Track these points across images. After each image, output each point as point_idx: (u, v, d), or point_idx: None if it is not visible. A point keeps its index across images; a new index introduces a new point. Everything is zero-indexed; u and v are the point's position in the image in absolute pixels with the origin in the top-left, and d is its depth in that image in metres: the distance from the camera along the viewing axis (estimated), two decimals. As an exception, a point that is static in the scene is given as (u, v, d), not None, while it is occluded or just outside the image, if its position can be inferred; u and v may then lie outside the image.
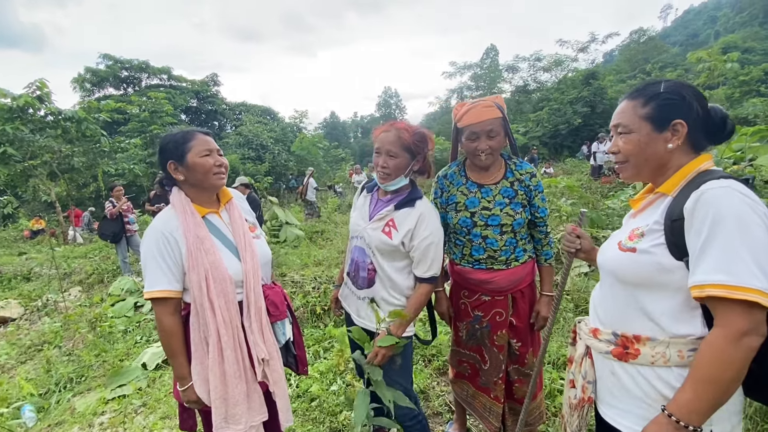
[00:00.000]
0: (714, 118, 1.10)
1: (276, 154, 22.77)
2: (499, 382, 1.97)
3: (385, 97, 66.28)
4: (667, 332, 1.04)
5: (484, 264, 1.89)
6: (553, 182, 7.52)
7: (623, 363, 1.11)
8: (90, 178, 16.23)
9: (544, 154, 20.83)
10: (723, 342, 0.91)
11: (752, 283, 0.88)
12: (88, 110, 12.84)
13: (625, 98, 1.18)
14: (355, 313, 1.90)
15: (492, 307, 1.92)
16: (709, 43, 37.67)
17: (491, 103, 1.76)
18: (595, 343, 1.19)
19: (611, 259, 1.16)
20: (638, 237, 1.09)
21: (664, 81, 1.13)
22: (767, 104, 16.05)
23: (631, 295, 1.10)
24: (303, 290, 4.34)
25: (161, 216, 1.56)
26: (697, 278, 0.94)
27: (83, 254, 9.19)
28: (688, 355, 1.02)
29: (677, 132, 1.08)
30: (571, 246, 1.47)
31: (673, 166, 1.11)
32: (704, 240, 0.94)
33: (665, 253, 1.02)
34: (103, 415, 3.00)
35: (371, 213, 1.84)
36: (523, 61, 29.90)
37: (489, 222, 1.84)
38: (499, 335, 1.94)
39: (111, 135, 17.18)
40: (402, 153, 1.72)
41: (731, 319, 0.91)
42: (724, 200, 0.93)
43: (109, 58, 28.28)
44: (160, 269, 1.47)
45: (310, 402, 2.74)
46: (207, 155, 1.56)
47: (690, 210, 0.97)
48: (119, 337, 4.43)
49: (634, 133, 1.12)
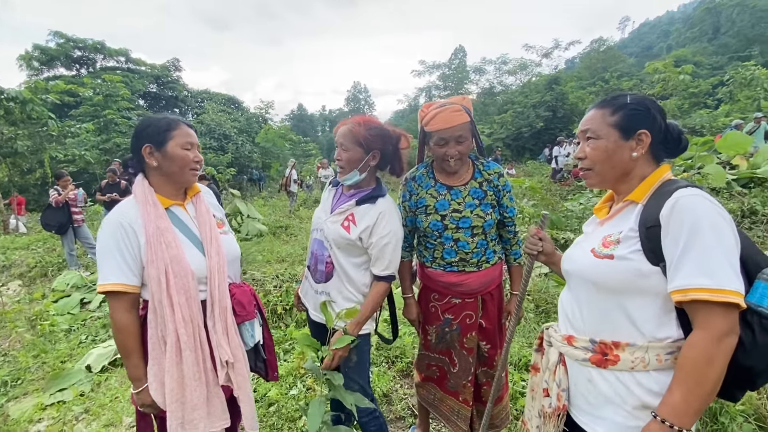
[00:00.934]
0: (672, 133, 1.16)
1: (239, 144, 22.10)
2: (467, 385, 1.96)
3: (355, 92, 65.97)
4: (647, 337, 1.06)
5: (456, 267, 1.88)
6: (517, 182, 7.68)
7: (601, 369, 1.12)
8: (36, 164, 15.15)
9: (507, 156, 21.34)
10: (707, 343, 0.94)
11: (730, 285, 0.93)
12: (35, 91, 11.98)
13: (593, 107, 1.21)
14: (312, 308, 1.88)
15: (462, 310, 1.91)
16: (661, 55, 39.60)
17: (459, 107, 1.75)
18: (571, 351, 1.19)
19: (586, 266, 1.16)
20: (614, 244, 1.11)
21: (630, 94, 1.18)
22: (712, 116, 17.14)
23: (610, 301, 1.11)
24: (264, 289, 4.19)
25: (121, 205, 1.47)
26: (679, 283, 0.97)
27: (25, 245, 8.57)
28: (666, 358, 1.04)
29: (641, 141, 1.12)
30: (534, 248, 1.48)
31: (636, 175, 1.16)
32: (683, 246, 0.97)
33: (642, 259, 1.04)
34: (40, 422, 2.77)
35: (333, 206, 1.83)
36: (489, 63, 30.58)
37: (460, 224, 1.83)
38: (469, 338, 1.93)
39: (61, 118, 16.07)
40: (353, 146, 1.72)
41: (713, 321, 0.94)
42: (699, 207, 0.98)
43: (61, 36, 26.50)
44: (116, 261, 1.37)
45: (267, 407, 2.63)
46: (188, 149, 1.49)
47: (666, 217, 1.00)
48: (62, 336, 4.13)
49: (602, 139, 1.15)
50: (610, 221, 1.19)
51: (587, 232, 1.30)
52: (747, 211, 5.83)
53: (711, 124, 16.13)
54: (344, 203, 1.79)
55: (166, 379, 1.41)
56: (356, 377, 1.80)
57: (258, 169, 22.81)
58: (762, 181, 6.69)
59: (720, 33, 39.13)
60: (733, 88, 18.96)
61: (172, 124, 1.48)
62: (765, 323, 0.97)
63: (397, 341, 3.17)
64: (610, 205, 1.27)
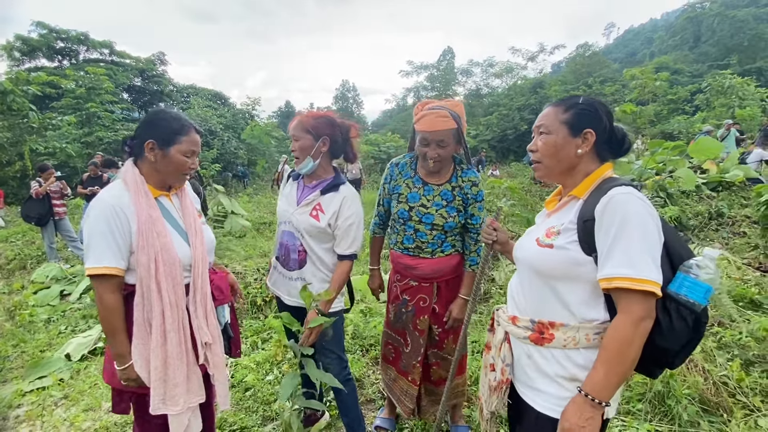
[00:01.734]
0: (617, 135, 1.27)
1: (225, 140, 21.95)
2: (417, 366, 2.11)
3: (343, 90, 65.70)
4: (578, 318, 1.18)
5: (411, 252, 2.04)
6: (496, 183, 7.85)
7: (539, 347, 1.24)
8: (15, 156, 14.86)
9: (491, 157, 21.66)
10: (627, 326, 1.06)
11: (649, 276, 1.04)
12: (16, 81, 11.72)
13: (549, 105, 1.32)
14: (286, 294, 2.01)
15: (417, 293, 2.07)
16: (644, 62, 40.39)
17: (447, 113, 1.85)
18: (514, 329, 1.31)
19: (531, 253, 1.28)
20: (555, 234, 1.22)
21: (583, 96, 1.28)
22: (689, 122, 17.65)
23: (548, 286, 1.23)
24: (244, 281, 4.28)
25: (111, 190, 1.50)
26: (606, 272, 1.08)
27: (4, 238, 8.46)
28: (593, 337, 1.16)
29: (587, 139, 1.23)
30: (489, 238, 1.60)
31: (580, 170, 1.26)
32: (612, 239, 1.07)
33: (578, 249, 1.16)
34: (19, 408, 2.82)
35: (299, 199, 1.96)
36: (476, 65, 30.94)
37: (423, 219, 1.97)
38: (421, 320, 2.08)
39: (42, 110, 15.77)
40: (303, 135, 1.87)
41: (633, 306, 1.05)
42: (629, 205, 1.08)
43: (43, 27, 25.87)
44: (107, 245, 1.42)
45: (244, 392, 2.73)
46: (189, 156, 1.57)
47: (600, 212, 1.10)
48: (41, 327, 4.15)
49: (552, 134, 1.25)
50: (555, 214, 1.31)
51: (537, 223, 1.42)
52: (714, 213, 6.08)
53: (687, 129, 16.63)
54: (309, 195, 1.93)
55: (151, 358, 1.49)
56: (333, 348, 2.00)
57: (243, 165, 22.67)
58: (730, 185, 6.98)
59: (701, 41, 40.11)
60: (709, 95, 19.55)
61: (184, 130, 1.54)
62: (681, 310, 1.08)
63: (371, 330, 3.30)
64: (559, 199, 1.37)
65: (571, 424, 1.10)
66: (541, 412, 1.23)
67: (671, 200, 6.27)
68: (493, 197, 7.16)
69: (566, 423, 1.12)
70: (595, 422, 1.09)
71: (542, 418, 1.22)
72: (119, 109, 20.30)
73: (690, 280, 1.08)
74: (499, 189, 7.78)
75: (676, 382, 2.36)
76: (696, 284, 1.07)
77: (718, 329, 2.94)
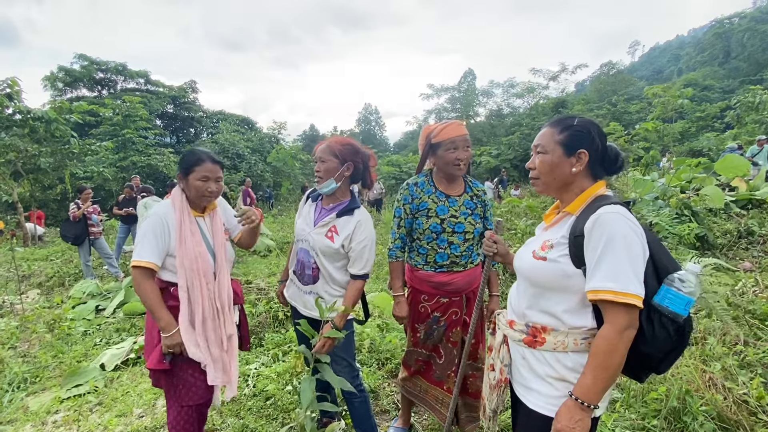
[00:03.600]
0: (610, 154, 1.37)
1: (252, 164, 22.71)
2: (451, 375, 2.20)
3: (366, 114, 67.05)
4: (567, 324, 1.27)
5: (446, 268, 2.14)
6: (515, 202, 7.87)
7: (532, 349, 1.33)
8: (56, 180, 15.76)
9: (514, 176, 21.55)
10: (612, 335, 1.15)
11: (632, 290, 1.13)
12: (60, 111, 12.51)
13: (547, 125, 1.41)
14: (302, 306, 2.14)
15: (449, 307, 2.17)
16: (672, 79, 39.85)
17: (461, 122, 2.11)
18: (511, 333, 1.42)
19: (527, 265, 1.38)
20: (548, 248, 1.32)
21: (578, 117, 1.38)
22: (719, 139, 17.20)
23: (541, 294, 1.33)
24: (267, 296, 4.44)
25: (162, 206, 1.94)
26: (593, 285, 1.17)
27: (45, 257, 8.96)
28: (581, 342, 1.25)
29: (581, 159, 1.32)
30: (489, 250, 1.71)
31: (575, 187, 1.35)
32: (599, 254, 1.17)
33: (568, 262, 1.25)
34: (57, 413, 3.01)
35: (315, 220, 2.10)
36: (497, 86, 31.05)
37: (456, 229, 2.10)
38: (454, 332, 2.19)
39: (82, 137, 16.73)
40: (330, 158, 2.02)
41: (617, 317, 1.15)
42: (615, 224, 1.16)
43: (85, 59, 27.70)
44: (150, 245, 1.83)
45: (265, 401, 2.85)
46: (204, 181, 1.91)
47: (589, 229, 1.20)
48: (78, 338, 4.40)
49: (549, 154, 1.35)
50: (551, 228, 1.41)
51: (537, 234, 1.51)
52: (744, 231, 5.93)
53: (717, 147, 16.21)
54: (326, 216, 2.06)
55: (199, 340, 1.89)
56: (344, 355, 2.11)
57: (269, 187, 23.31)
58: (760, 203, 6.79)
59: (731, 57, 39.27)
60: (740, 111, 19.06)
61: (199, 162, 1.93)
62: (663, 320, 1.16)
63: (386, 344, 3.38)
64: (557, 213, 1.46)
65: (563, 425, 1.19)
66: (533, 409, 1.32)
67: (696, 218, 6.15)
68: (512, 216, 7.18)
69: (558, 425, 1.20)
70: (584, 423, 1.18)
71: (534, 415, 1.31)
72: (152, 134, 21.32)
73: (672, 293, 1.16)
74: (518, 208, 7.80)
75: (693, 399, 2.34)
76: (677, 296, 1.15)
77: (741, 348, 2.88)
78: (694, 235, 5.53)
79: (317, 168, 2.06)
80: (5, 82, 10.43)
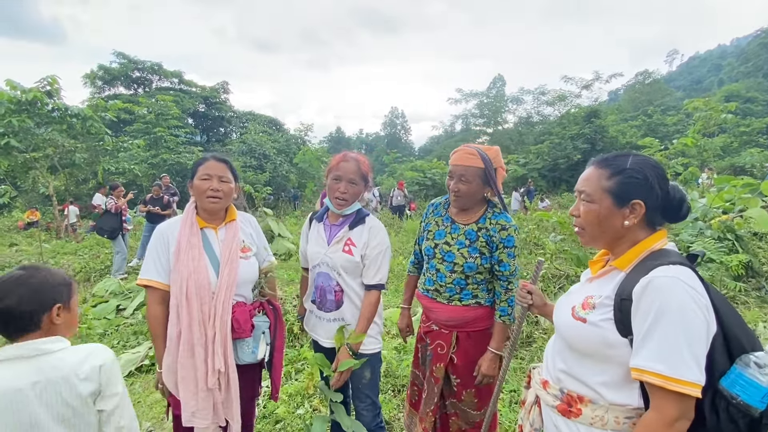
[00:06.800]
0: (672, 201, 1.13)
1: (278, 164, 22.90)
2: (429, 414, 2.01)
3: (392, 117, 67.02)
4: (608, 399, 1.09)
5: (431, 294, 2.01)
6: (544, 216, 7.55)
7: (566, 419, 1.15)
8: (90, 174, 16.30)
9: (542, 187, 21.00)
10: (658, 426, 0.96)
11: (687, 376, 0.93)
12: (95, 108, 12.94)
13: (592, 164, 1.20)
14: (324, 336, 2.00)
15: (436, 338, 2.01)
16: (712, 90, 38.27)
17: (476, 152, 1.83)
18: (544, 395, 1.24)
19: (564, 324, 1.21)
20: (590, 308, 1.13)
21: (632, 155, 1.15)
22: (764, 155, 16.32)
23: (578, 360, 1.15)
24: (284, 308, 4.34)
25: (171, 219, 1.84)
26: (638, 362, 0.99)
27: (73, 251, 9.19)
28: (624, 421, 1.06)
29: (635, 211, 1.10)
30: (523, 301, 1.51)
31: (628, 239, 1.14)
32: (648, 326, 0.97)
33: (612, 329, 1.06)
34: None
35: (328, 238, 1.98)
36: (527, 93, 30.44)
37: (445, 258, 1.94)
38: (437, 367, 1.99)
39: (116, 134, 17.29)
40: (360, 182, 1.94)
41: (666, 406, 0.95)
42: (671, 293, 0.96)
43: (123, 57, 28.61)
44: (152, 261, 1.72)
45: (274, 424, 2.73)
46: (205, 179, 1.75)
47: (638, 294, 1.00)
48: (96, 339, 4.41)
49: (596, 204, 1.14)
50: (597, 281, 1.20)
51: (581, 282, 1.31)
52: (793, 259, 5.52)
53: (761, 163, 15.39)
54: (338, 232, 1.97)
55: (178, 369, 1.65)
56: (368, 392, 1.99)
57: (294, 188, 23.46)
58: (813, 227, 6.31)
59: (776, 68, 37.51)
60: (788, 127, 18.08)
61: (202, 161, 1.79)
62: (732, 411, 0.95)
63: (404, 369, 3.21)
64: (607, 260, 1.24)
65: None
66: None
67: (740, 243, 5.74)
68: (540, 232, 6.89)
69: None
70: None
71: None
72: (183, 133, 21.85)
73: (745, 379, 0.94)
74: (547, 223, 7.49)
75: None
76: (752, 385, 0.93)
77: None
78: (738, 262, 5.16)
79: (344, 189, 1.89)
80: (46, 79, 10.78)
